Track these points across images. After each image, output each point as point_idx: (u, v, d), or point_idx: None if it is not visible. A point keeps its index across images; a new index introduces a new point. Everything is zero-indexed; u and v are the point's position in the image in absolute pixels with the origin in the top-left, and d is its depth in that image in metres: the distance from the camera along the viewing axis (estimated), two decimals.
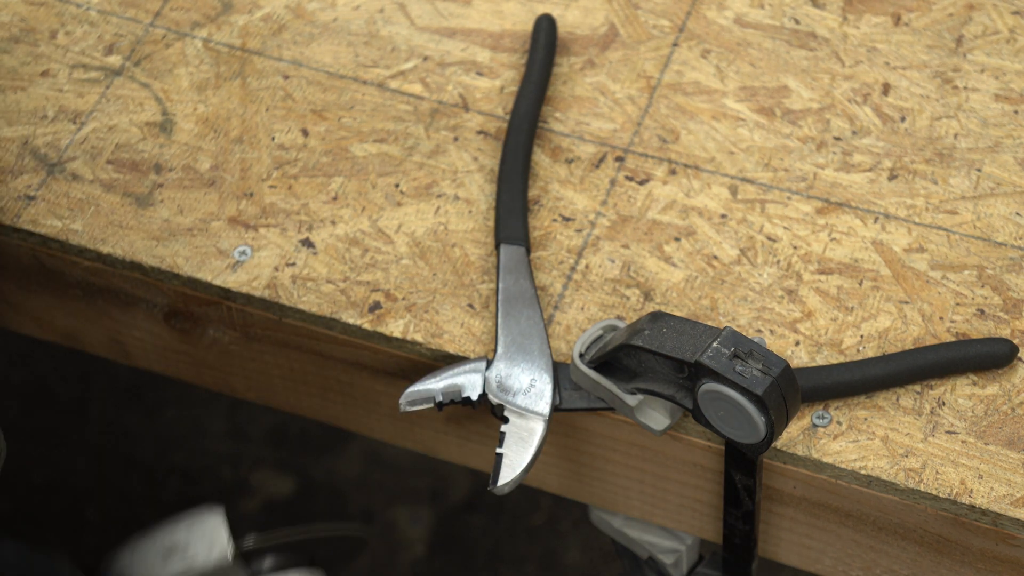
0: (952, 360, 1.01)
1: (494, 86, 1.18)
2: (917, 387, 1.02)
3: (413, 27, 1.21)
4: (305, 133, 1.16)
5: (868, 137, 1.13)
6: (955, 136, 1.13)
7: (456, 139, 1.15)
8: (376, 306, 1.07)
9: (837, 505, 1.03)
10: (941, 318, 1.05)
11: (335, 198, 1.12)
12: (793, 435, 1.00)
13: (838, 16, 1.19)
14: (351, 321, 1.06)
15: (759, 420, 0.91)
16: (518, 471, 0.99)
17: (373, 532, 1.03)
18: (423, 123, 1.16)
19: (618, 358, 0.98)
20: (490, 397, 1.01)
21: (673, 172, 1.12)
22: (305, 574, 0.95)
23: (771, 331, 1.05)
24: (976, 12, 1.19)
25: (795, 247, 1.08)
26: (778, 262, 1.08)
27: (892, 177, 1.11)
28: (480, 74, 1.18)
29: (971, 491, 0.98)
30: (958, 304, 1.05)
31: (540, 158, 1.14)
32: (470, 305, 1.07)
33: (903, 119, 1.14)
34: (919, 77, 1.16)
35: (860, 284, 1.07)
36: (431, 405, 1.02)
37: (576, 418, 1.06)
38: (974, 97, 1.15)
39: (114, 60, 1.20)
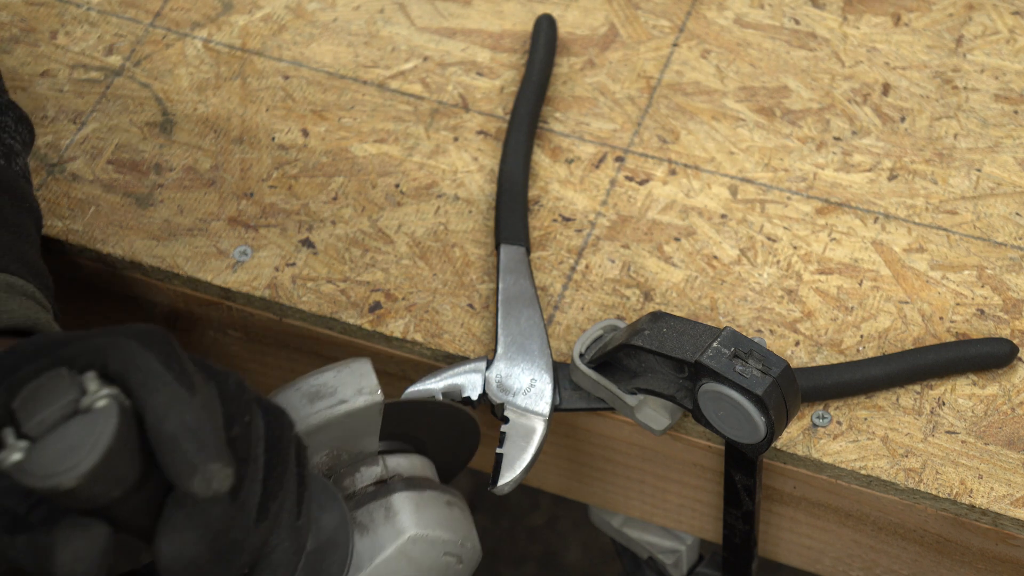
0: (952, 360, 1.01)
1: (494, 86, 1.17)
2: (917, 387, 1.02)
3: (413, 27, 1.21)
4: (305, 133, 1.16)
5: (868, 137, 1.13)
6: (955, 136, 1.13)
7: (456, 139, 1.15)
8: (376, 306, 1.07)
9: (837, 505, 1.03)
10: (941, 318, 1.05)
11: (335, 198, 1.12)
12: (793, 435, 1.00)
13: (838, 16, 1.19)
14: (351, 321, 1.06)
15: (759, 420, 0.91)
16: (518, 471, 0.99)
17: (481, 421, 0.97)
18: (423, 123, 1.16)
19: (618, 358, 0.98)
20: (490, 397, 1.01)
21: (673, 172, 1.12)
22: (443, 492, 0.91)
23: (771, 331, 1.05)
24: (976, 12, 1.19)
25: (795, 247, 1.08)
26: (778, 262, 1.08)
27: (892, 177, 1.11)
28: (480, 74, 1.18)
29: (971, 491, 0.98)
30: (958, 304, 1.05)
31: (540, 158, 1.14)
32: (470, 305, 1.07)
33: (903, 119, 1.14)
34: (919, 77, 1.16)
35: (860, 284, 1.07)
36: None
37: (576, 418, 1.06)
38: (974, 97, 1.15)
39: (114, 60, 1.20)
